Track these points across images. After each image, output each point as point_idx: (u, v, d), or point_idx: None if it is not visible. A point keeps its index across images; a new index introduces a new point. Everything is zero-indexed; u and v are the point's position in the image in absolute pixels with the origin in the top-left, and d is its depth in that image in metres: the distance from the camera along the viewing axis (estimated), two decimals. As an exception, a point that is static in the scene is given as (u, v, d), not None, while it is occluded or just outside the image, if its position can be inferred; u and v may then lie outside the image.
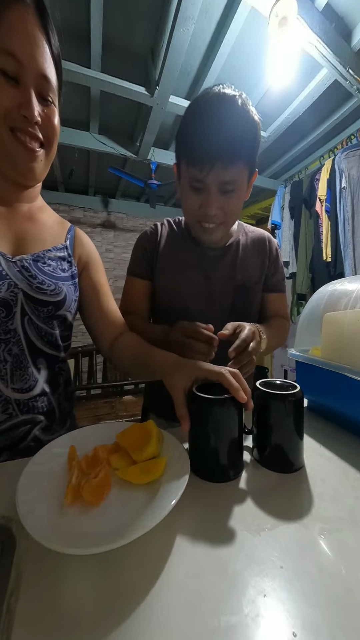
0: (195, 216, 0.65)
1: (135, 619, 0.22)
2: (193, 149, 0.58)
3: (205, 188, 0.60)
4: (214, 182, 0.59)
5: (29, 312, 0.50)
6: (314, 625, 0.22)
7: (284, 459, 0.41)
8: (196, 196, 0.62)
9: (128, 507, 0.32)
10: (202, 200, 0.62)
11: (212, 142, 0.57)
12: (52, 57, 0.44)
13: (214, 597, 0.24)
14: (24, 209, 0.55)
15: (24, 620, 0.22)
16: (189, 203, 0.64)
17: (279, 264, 0.83)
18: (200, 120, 0.58)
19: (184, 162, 0.61)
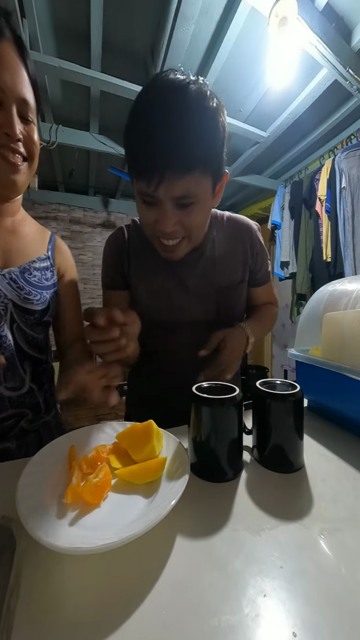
0: (152, 232, 0.56)
1: (135, 619, 0.22)
2: (136, 157, 0.48)
3: (157, 202, 0.50)
4: (166, 196, 0.48)
5: (17, 320, 0.55)
6: (314, 625, 0.22)
7: (284, 459, 0.41)
8: (149, 210, 0.52)
9: (128, 507, 0.32)
10: (157, 215, 0.52)
11: (158, 148, 0.45)
12: (30, 82, 0.50)
13: (214, 597, 0.24)
14: (7, 223, 0.58)
15: (24, 620, 0.22)
16: (142, 218, 0.56)
17: (264, 254, 0.74)
18: (145, 119, 0.46)
19: (131, 172, 0.51)
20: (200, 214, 0.54)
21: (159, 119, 0.45)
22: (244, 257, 0.70)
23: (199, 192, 0.50)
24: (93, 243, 3.10)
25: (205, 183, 0.50)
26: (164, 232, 0.53)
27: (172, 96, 0.45)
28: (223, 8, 1.22)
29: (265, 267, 0.76)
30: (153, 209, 0.52)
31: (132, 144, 0.48)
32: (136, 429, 0.41)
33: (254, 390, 0.44)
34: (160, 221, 0.52)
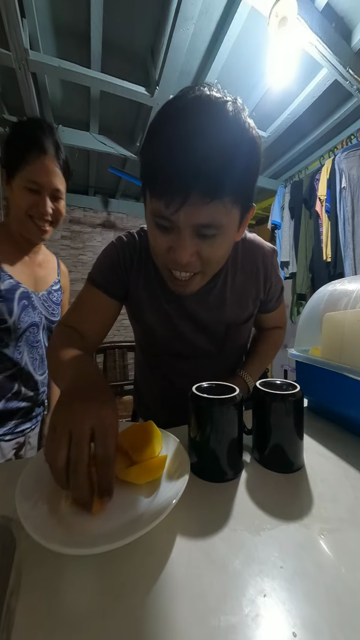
0: (164, 261, 0.49)
1: (135, 619, 0.22)
2: (157, 172, 0.40)
3: (174, 228, 0.43)
4: (187, 222, 0.42)
5: (47, 329, 0.82)
6: (314, 625, 0.22)
7: (284, 459, 0.41)
8: (163, 236, 0.45)
9: (128, 507, 0.32)
10: (172, 242, 0.45)
11: (186, 165, 0.38)
12: (62, 174, 0.72)
13: (214, 597, 0.24)
14: (38, 258, 0.82)
15: (24, 620, 0.22)
16: (154, 244, 0.48)
17: (279, 283, 0.70)
18: (174, 130, 0.39)
19: (147, 189, 0.44)
20: (222, 248, 0.47)
21: (191, 132, 0.38)
22: (257, 293, 0.66)
23: (225, 222, 0.43)
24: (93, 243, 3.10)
25: (233, 213, 0.44)
26: (178, 263, 0.46)
27: (206, 111, 0.39)
28: (223, 8, 1.22)
29: (279, 294, 0.73)
30: (168, 235, 0.45)
31: (153, 156, 0.41)
32: (136, 429, 0.41)
33: (254, 390, 0.44)
34: (175, 250, 0.45)
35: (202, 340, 0.66)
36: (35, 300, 0.77)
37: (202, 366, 0.69)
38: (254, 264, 0.65)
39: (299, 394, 0.41)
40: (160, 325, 0.65)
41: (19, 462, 0.42)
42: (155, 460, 0.37)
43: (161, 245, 0.47)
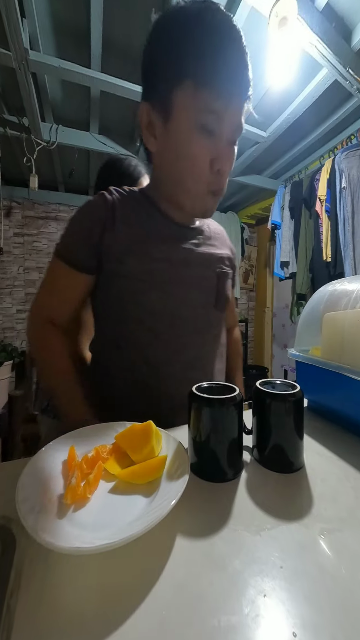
0: (205, 176, 0.47)
1: (135, 619, 0.22)
2: (210, 67, 0.41)
3: (217, 129, 0.43)
4: (231, 121, 0.44)
5: None
6: (314, 625, 0.22)
7: (284, 459, 0.41)
8: (206, 144, 0.44)
9: (128, 507, 0.32)
10: (215, 151, 0.45)
11: (234, 60, 0.42)
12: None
13: (214, 597, 0.24)
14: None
15: (24, 620, 0.22)
16: (196, 151, 0.45)
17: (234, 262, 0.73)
18: (216, 26, 0.41)
19: (191, 86, 0.42)
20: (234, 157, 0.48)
21: (229, 30, 0.41)
22: (230, 250, 0.70)
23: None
24: (93, 243, 3.10)
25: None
26: (223, 173, 0.46)
27: (233, 24, 0.42)
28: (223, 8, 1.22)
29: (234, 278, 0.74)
30: (211, 142, 0.44)
31: (201, 44, 0.40)
32: (135, 430, 0.41)
33: (254, 390, 0.44)
34: (221, 157, 0.44)
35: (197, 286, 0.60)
36: None
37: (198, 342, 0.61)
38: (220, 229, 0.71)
39: (299, 394, 0.41)
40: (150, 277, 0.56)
41: (19, 462, 0.42)
42: (155, 461, 0.37)
43: (204, 156, 0.45)
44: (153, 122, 0.48)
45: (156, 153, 0.51)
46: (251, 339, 3.89)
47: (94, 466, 0.37)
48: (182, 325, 0.59)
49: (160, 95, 0.45)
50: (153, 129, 0.49)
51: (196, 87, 0.42)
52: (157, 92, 0.46)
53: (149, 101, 0.47)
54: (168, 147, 0.48)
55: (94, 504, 0.33)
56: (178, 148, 0.46)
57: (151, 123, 0.48)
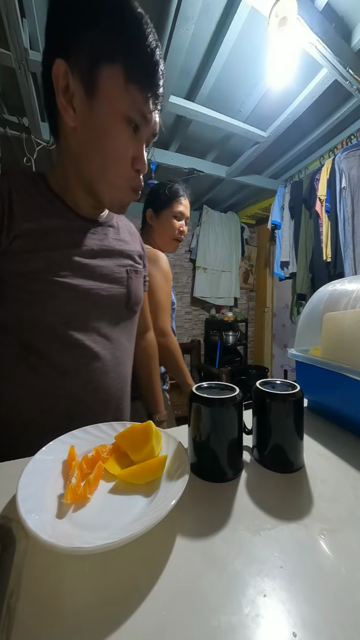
0: (127, 171, 0.46)
1: (135, 619, 0.22)
2: (148, 62, 0.41)
3: (141, 132, 0.44)
4: (152, 129, 0.45)
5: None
6: (314, 625, 0.22)
7: (284, 459, 0.41)
8: (131, 138, 0.44)
9: (128, 507, 0.32)
10: (136, 149, 0.45)
11: (161, 68, 0.42)
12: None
13: (214, 597, 0.24)
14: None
15: (24, 620, 0.22)
16: (121, 149, 0.44)
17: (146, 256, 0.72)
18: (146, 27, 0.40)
19: (121, 74, 0.40)
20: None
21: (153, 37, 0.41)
22: (141, 246, 0.69)
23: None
24: (93, 243, 3.10)
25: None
26: (142, 169, 0.46)
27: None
28: (223, 8, 1.22)
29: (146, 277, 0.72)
30: (134, 138, 0.44)
31: (138, 43, 0.39)
32: (135, 430, 0.41)
33: (254, 390, 0.44)
34: (141, 158, 0.46)
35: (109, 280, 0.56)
36: None
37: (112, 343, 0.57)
38: (130, 224, 0.69)
39: (299, 394, 0.41)
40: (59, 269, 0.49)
41: (19, 462, 0.42)
42: (155, 461, 0.37)
43: (129, 151, 0.45)
44: (72, 90, 0.42)
45: (73, 130, 0.45)
46: (251, 339, 3.89)
47: (94, 466, 0.37)
48: (94, 327, 0.54)
49: (83, 63, 0.40)
50: (71, 99, 0.42)
51: (127, 80, 0.40)
52: (78, 54, 0.40)
53: (67, 61, 0.40)
54: (91, 129, 0.43)
55: (94, 504, 0.33)
56: (103, 134, 0.43)
57: (69, 89, 0.42)
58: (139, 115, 0.43)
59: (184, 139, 2.11)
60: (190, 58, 1.46)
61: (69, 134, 0.46)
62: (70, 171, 0.50)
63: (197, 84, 1.63)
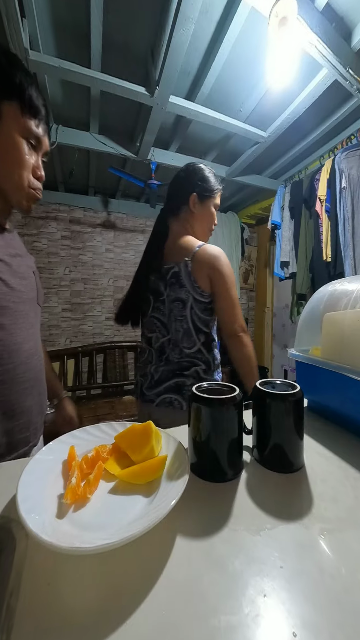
0: (25, 180, 0.59)
1: (135, 619, 0.22)
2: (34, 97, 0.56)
3: (37, 150, 0.59)
4: (43, 146, 0.60)
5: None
6: (314, 625, 0.22)
7: (284, 459, 0.41)
8: (31, 155, 0.58)
9: (128, 507, 0.32)
10: (35, 162, 0.60)
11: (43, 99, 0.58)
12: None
13: (214, 597, 0.24)
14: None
15: (24, 620, 0.22)
16: (22, 162, 0.57)
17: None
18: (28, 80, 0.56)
19: (17, 108, 0.55)
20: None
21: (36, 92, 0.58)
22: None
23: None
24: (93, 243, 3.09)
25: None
26: (41, 177, 0.61)
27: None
28: (223, 8, 1.22)
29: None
30: (33, 155, 0.59)
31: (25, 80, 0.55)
32: (135, 430, 0.41)
33: (254, 390, 0.44)
34: (41, 168, 0.60)
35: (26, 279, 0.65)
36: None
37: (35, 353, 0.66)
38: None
39: (299, 394, 0.41)
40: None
41: (19, 462, 0.42)
42: (155, 461, 0.37)
43: (29, 164, 0.59)
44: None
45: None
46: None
47: (94, 466, 0.37)
48: (22, 320, 0.62)
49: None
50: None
51: (22, 112, 0.55)
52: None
53: None
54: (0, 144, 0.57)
55: (94, 504, 0.33)
56: (8, 150, 0.57)
57: None
58: (33, 137, 0.58)
59: (184, 139, 2.11)
60: (190, 58, 1.46)
61: None
62: None
63: (197, 84, 1.63)
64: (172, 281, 0.93)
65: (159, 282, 0.96)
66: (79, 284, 2.92)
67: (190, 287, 0.91)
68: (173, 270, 0.93)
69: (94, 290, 3.03)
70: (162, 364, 0.94)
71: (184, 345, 0.92)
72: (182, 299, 0.92)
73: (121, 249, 3.14)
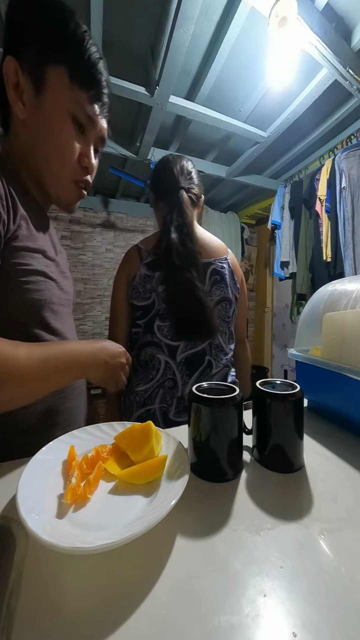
0: (73, 165, 0.48)
1: (135, 619, 0.22)
2: (89, 67, 0.45)
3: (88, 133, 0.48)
4: (99, 131, 0.49)
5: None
6: (314, 625, 0.22)
7: (284, 459, 0.41)
8: (77, 136, 0.47)
9: (128, 507, 0.32)
10: (82, 148, 0.48)
11: (104, 76, 0.47)
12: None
13: (214, 597, 0.24)
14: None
15: (24, 620, 0.22)
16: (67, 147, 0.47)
17: None
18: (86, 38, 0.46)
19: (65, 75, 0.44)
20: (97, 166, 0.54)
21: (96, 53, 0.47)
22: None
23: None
24: (93, 243, 3.09)
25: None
26: (89, 167, 0.50)
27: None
28: (223, 8, 1.22)
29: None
30: (80, 136, 0.48)
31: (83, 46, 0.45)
32: (135, 430, 0.41)
33: (253, 390, 0.44)
34: (89, 156, 0.49)
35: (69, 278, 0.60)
36: None
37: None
38: None
39: (299, 394, 0.41)
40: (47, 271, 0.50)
41: (19, 462, 0.42)
42: (155, 461, 0.37)
43: (75, 147, 0.47)
44: (22, 86, 0.45)
45: (23, 123, 0.47)
46: (251, 339, 3.89)
47: (94, 466, 0.37)
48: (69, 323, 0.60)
49: (31, 61, 0.44)
50: (21, 94, 0.45)
51: (71, 80, 0.45)
52: (27, 53, 0.44)
53: (17, 59, 0.44)
54: (39, 121, 0.46)
55: (94, 504, 0.33)
56: (49, 129, 0.46)
57: (19, 86, 0.45)
58: (84, 115, 0.47)
59: (184, 139, 2.11)
60: (190, 58, 1.46)
61: (19, 126, 0.49)
62: (16, 161, 0.51)
63: (197, 84, 1.63)
64: (215, 279, 0.82)
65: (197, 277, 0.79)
66: (79, 284, 2.92)
67: (233, 286, 0.85)
68: (213, 267, 0.82)
69: (94, 290, 3.03)
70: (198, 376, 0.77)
71: (226, 351, 0.84)
72: (229, 298, 0.84)
73: (121, 249, 3.14)
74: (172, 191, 0.84)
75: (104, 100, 0.49)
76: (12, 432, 0.47)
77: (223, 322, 0.84)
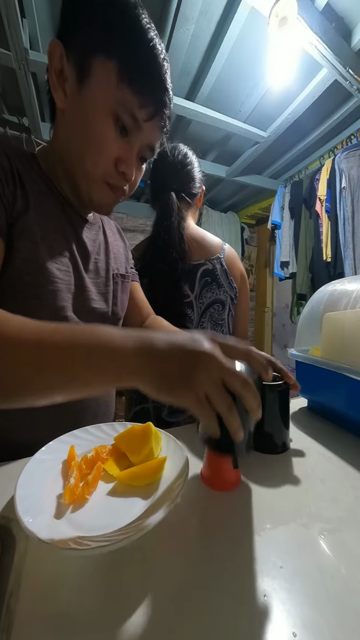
0: (106, 166, 0.44)
1: (135, 619, 0.22)
2: (147, 70, 0.40)
3: (131, 136, 0.43)
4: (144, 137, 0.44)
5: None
6: (314, 625, 0.22)
7: (270, 442, 0.46)
8: (117, 138, 0.42)
9: (128, 507, 0.32)
10: (122, 152, 0.44)
11: (166, 82, 0.42)
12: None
13: (214, 597, 0.24)
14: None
15: (24, 620, 0.22)
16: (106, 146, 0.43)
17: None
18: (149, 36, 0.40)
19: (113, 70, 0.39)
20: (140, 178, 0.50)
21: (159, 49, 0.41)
22: (126, 253, 0.67)
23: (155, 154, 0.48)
24: (93, 243, 3.09)
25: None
26: (128, 177, 0.46)
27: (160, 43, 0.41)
28: (223, 8, 1.22)
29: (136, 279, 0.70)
30: (121, 140, 0.43)
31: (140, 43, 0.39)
32: (134, 431, 0.41)
33: None
34: (126, 160, 0.44)
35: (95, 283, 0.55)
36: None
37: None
38: (116, 226, 0.69)
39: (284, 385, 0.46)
40: (59, 262, 0.47)
41: (18, 462, 0.42)
42: (154, 463, 0.37)
43: (112, 149, 0.43)
44: (65, 73, 0.42)
45: (62, 113, 0.45)
46: (251, 339, 3.89)
47: (94, 467, 0.37)
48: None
49: (78, 48, 0.40)
50: (63, 82, 0.43)
51: (120, 78, 0.39)
52: (75, 40, 0.40)
53: (65, 44, 0.41)
54: (77, 114, 0.43)
55: (93, 505, 0.33)
56: (86, 123, 0.42)
57: (62, 73, 0.42)
58: (129, 118, 0.42)
59: (184, 139, 2.11)
60: (190, 58, 1.46)
61: (59, 119, 0.47)
62: (55, 155, 0.49)
63: (197, 84, 1.63)
64: (206, 281, 0.81)
65: (183, 282, 0.81)
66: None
67: (227, 286, 0.83)
68: (204, 269, 0.81)
69: (94, 290, 3.02)
70: None
71: None
72: (221, 300, 0.82)
73: (121, 249, 3.13)
74: (161, 193, 0.83)
75: (159, 107, 0.43)
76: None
77: (216, 325, 0.83)
